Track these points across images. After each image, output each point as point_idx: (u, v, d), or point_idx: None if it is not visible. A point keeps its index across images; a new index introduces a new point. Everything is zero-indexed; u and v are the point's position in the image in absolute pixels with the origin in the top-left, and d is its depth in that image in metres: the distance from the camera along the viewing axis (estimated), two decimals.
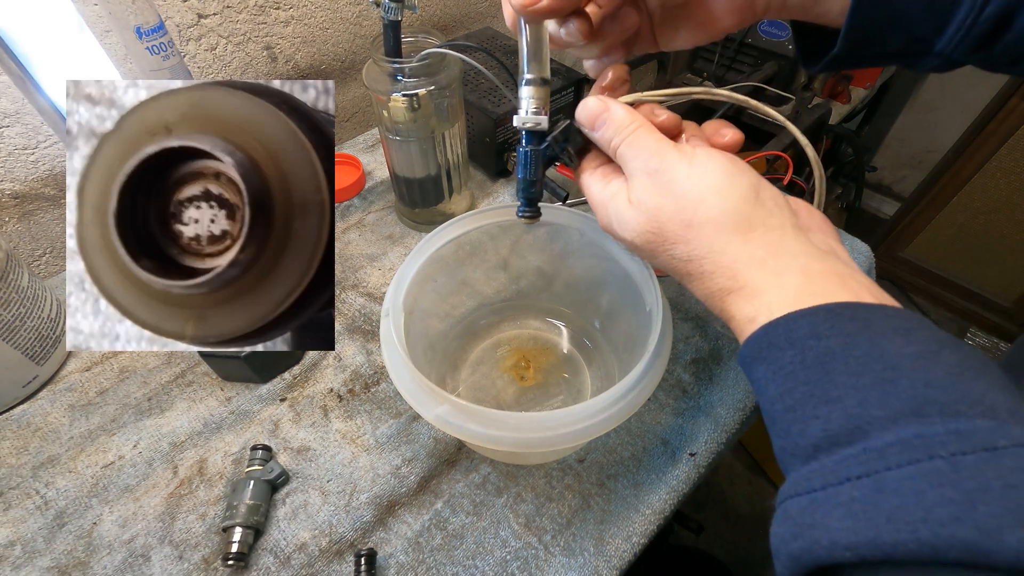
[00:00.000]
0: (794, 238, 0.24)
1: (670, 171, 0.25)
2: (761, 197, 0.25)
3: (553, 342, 0.50)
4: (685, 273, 0.26)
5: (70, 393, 0.48)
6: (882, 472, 0.16)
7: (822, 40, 0.28)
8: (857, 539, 0.16)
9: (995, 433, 0.16)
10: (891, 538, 0.15)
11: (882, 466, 0.17)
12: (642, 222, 0.26)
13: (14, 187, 0.55)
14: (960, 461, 0.15)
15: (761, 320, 0.22)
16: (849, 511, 0.16)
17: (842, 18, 0.25)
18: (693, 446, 0.44)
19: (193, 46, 0.61)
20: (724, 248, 0.24)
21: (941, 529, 0.15)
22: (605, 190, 0.28)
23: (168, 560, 0.38)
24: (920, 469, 0.16)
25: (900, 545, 0.15)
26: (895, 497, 0.16)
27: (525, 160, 0.30)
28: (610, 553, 0.38)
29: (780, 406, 0.21)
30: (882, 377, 0.18)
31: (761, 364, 0.22)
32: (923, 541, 0.15)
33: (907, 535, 0.15)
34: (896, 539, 0.15)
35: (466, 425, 0.30)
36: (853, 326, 0.20)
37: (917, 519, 0.15)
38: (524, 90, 0.29)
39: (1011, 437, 0.16)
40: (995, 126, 1.15)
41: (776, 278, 0.23)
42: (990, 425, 0.16)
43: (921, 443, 0.16)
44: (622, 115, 0.27)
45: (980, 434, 0.16)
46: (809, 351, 0.20)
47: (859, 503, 0.16)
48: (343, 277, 0.57)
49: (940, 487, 0.15)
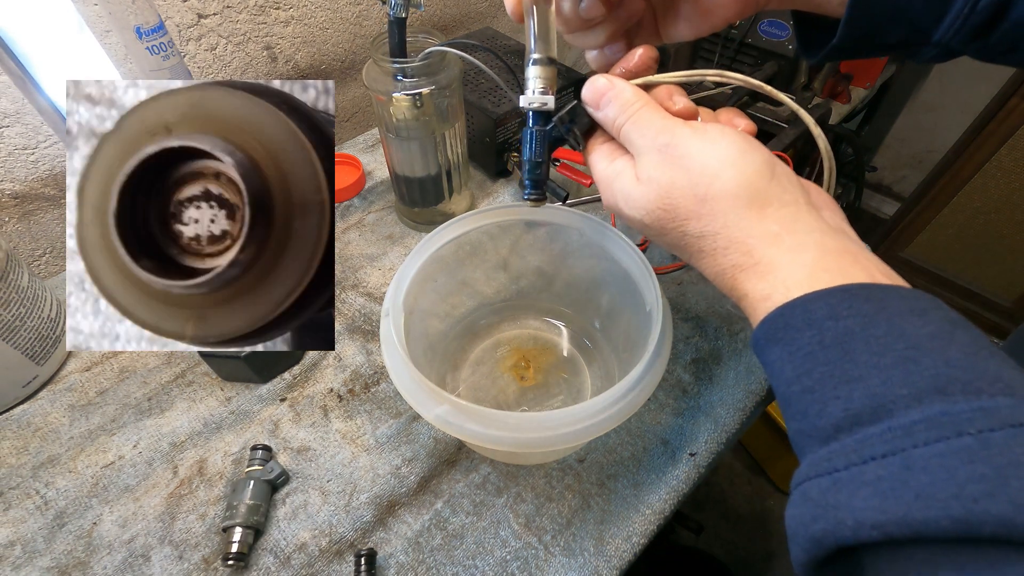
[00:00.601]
0: (808, 214, 0.24)
1: (682, 146, 0.25)
2: (776, 173, 0.25)
3: (553, 342, 0.50)
4: (696, 250, 0.25)
5: (70, 393, 0.48)
6: (909, 450, 0.16)
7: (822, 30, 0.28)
8: (885, 518, 0.16)
9: (1017, 409, 0.16)
10: (921, 515, 0.15)
11: (909, 444, 0.16)
12: (652, 199, 0.25)
13: (14, 187, 0.55)
14: (989, 438, 0.15)
15: (777, 297, 0.22)
16: (876, 490, 0.16)
17: (842, 8, 0.25)
18: (693, 446, 0.44)
19: (193, 46, 0.61)
20: (739, 223, 0.24)
21: (974, 505, 0.14)
22: (610, 168, 0.28)
23: (168, 560, 0.38)
24: (949, 446, 0.16)
25: (932, 522, 0.15)
26: (924, 474, 0.16)
27: (531, 140, 0.29)
28: (610, 553, 0.38)
29: (797, 388, 0.20)
30: (904, 356, 0.18)
31: (777, 346, 0.22)
32: (956, 518, 0.15)
33: (938, 512, 0.15)
34: (927, 516, 0.15)
35: (466, 425, 0.30)
36: (870, 307, 0.20)
37: (949, 495, 0.15)
38: (531, 70, 0.29)
39: None
40: (995, 126, 1.15)
41: (791, 254, 0.22)
42: (1011, 402, 0.16)
43: (948, 420, 0.16)
44: (628, 94, 0.27)
45: (1004, 411, 0.16)
46: (828, 332, 0.20)
47: (886, 481, 0.16)
48: (343, 277, 0.57)
49: (971, 463, 0.15)
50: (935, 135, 1.56)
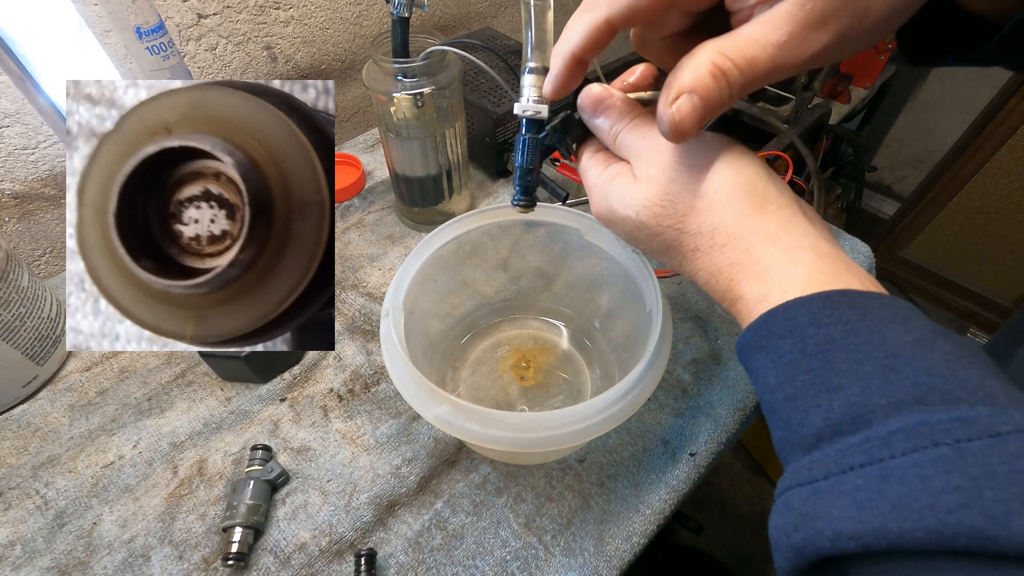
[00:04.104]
0: (803, 218, 0.24)
1: (682, 145, 0.25)
2: (773, 177, 0.25)
3: (553, 342, 0.50)
4: (692, 249, 0.25)
5: (70, 393, 0.48)
6: (886, 460, 0.16)
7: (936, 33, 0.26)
8: (862, 528, 0.16)
9: (997, 419, 0.16)
10: (897, 527, 0.15)
11: (886, 454, 0.16)
12: (650, 195, 0.25)
13: (14, 187, 0.55)
14: (965, 448, 0.15)
15: (774, 299, 0.22)
16: (853, 500, 0.16)
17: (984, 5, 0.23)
18: (693, 446, 0.44)
19: (193, 46, 0.61)
20: (738, 219, 0.23)
21: (948, 516, 0.14)
22: (604, 173, 0.28)
23: (168, 560, 0.38)
24: (925, 456, 0.16)
25: (906, 534, 0.15)
26: (900, 485, 0.16)
27: (523, 148, 0.30)
28: (610, 553, 0.38)
29: (780, 395, 0.20)
30: (884, 365, 0.18)
31: (760, 353, 0.22)
32: (930, 529, 0.14)
33: (913, 523, 0.15)
34: (902, 528, 0.15)
35: (466, 425, 0.30)
36: (852, 314, 0.19)
37: (924, 506, 0.15)
38: (526, 78, 0.29)
39: (1013, 423, 0.15)
40: (995, 126, 1.15)
41: (788, 255, 0.22)
42: (991, 411, 0.16)
43: (925, 430, 0.16)
44: (625, 104, 0.27)
45: (983, 421, 0.16)
46: (809, 339, 0.20)
47: (863, 492, 0.16)
48: (343, 277, 0.57)
49: (946, 474, 0.15)
50: (935, 135, 1.56)
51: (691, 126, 0.22)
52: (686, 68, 0.21)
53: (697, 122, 0.22)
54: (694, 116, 0.21)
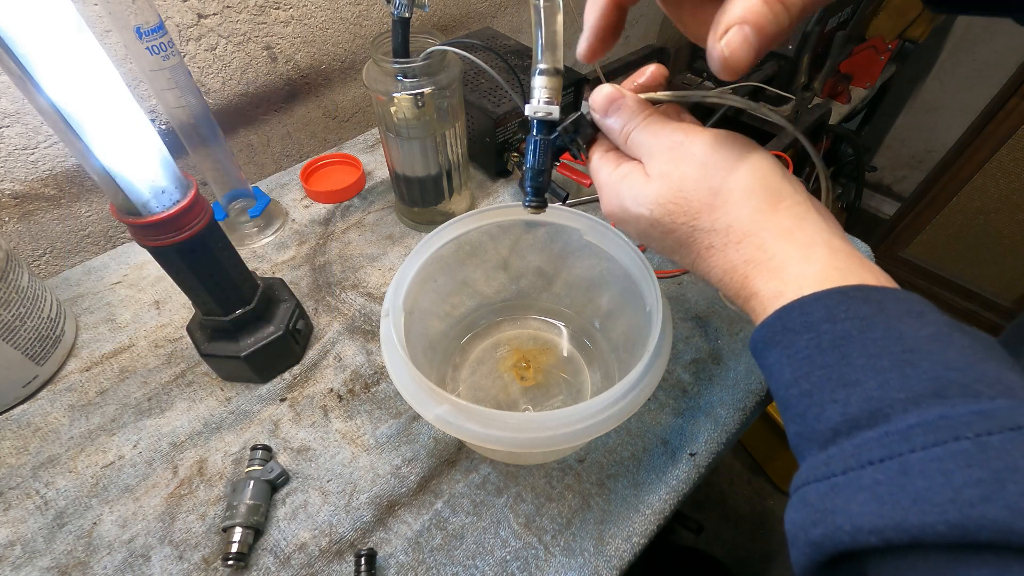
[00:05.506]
0: (816, 214, 0.24)
1: (696, 142, 0.25)
2: (786, 173, 0.25)
3: (553, 342, 0.50)
4: (705, 247, 0.25)
5: (70, 393, 0.48)
6: (906, 454, 0.16)
7: None
8: (883, 523, 0.16)
9: (1016, 412, 0.16)
10: (918, 520, 0.15)
11: (906, 448, 0.16)
12: (664, 192, 0.25)
13: (14, 187, 0.55)
14: (986, 441, 0.15)
15: (789, 295, 0.22)
16: (873, 495, 0.16)
17: None
18: (693, 446, 0.44)
19: (193, 46, 0.61)
20: (753, 216, 0.23)
21: (970, 510, 0.14)
22: (616, 172, 0.28)
23: (168, 560, 0.38)
24: (946, 450, 0.16)
25: (928, 527, 0.15)
26: (921, 479, 0.15)
27: (534, 149, 0.30)
28: (610, 553, 0.38)
29: (795, 391, 0.20)
30: (901, 359, 0.18)
31: (775, 349, 0.21)
32: (952, 523, 0.14)
33: (935, 517, 0.15)
34: (924, 521, 0.15)
35: (466, 425, 0.30)
36: (868, 308, 0.19)
37: (945, 500, 0.15)
38: (537, 79, 0.29)
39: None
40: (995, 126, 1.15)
41: (803, 251, 0.22)
42: (1010, 404, 0.16)
43: (945, 424, 0.16)
44: (637, 103, 0.27)
45: (1002, 414, 0.16)
46: (825, 334, 0.20)
47: (883, 486, 0.16)
48: (343, 277, 0.57)
49: (968, 468, 0.15)
50: (935, 135, 1.56)
51: (744, 60, 0.20)
52: (735, 1, 0.20)
53: (751, 54, 0.20)
54: (746, 48, 0.20)
